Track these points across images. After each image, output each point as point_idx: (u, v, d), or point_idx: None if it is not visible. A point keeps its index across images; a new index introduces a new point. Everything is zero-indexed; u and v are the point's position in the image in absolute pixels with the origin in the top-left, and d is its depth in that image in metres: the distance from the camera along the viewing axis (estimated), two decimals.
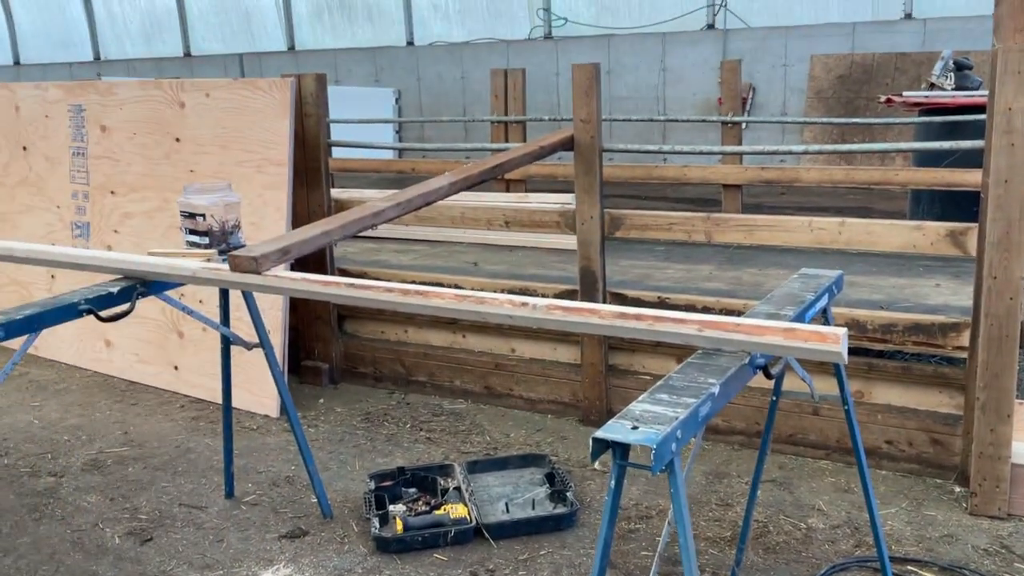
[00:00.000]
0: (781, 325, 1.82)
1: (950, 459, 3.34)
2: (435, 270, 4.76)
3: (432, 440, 3.93)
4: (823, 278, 2.40)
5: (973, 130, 4.86)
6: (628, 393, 3.92)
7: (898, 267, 4.61)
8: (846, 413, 2.45)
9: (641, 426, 1.56)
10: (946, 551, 2.92)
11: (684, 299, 3.80)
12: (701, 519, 3.18)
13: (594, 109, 3.69)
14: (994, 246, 2.98)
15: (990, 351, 3.02)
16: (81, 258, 2.75)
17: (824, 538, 3.03)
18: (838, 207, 8.84)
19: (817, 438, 3.57)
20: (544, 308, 2.04)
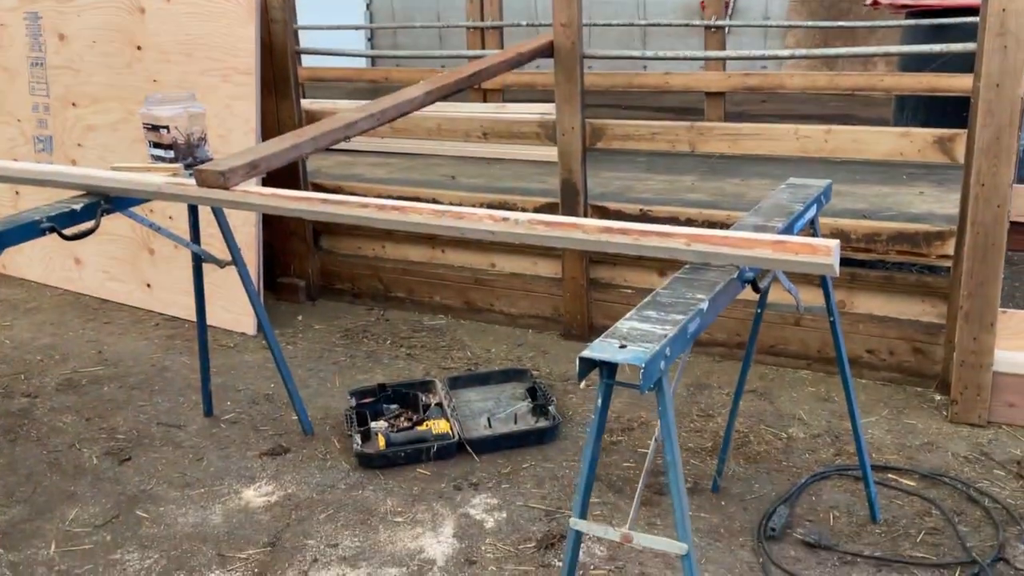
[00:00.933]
0: (770, 238, 1.76)
1: (931, 368, 3.34)
2: (412, 184, 4.65)
3: (412, 356, 3.89)
4: (811, 188, 2.34)
5: (961, 33, 4.75)
6: (610, 307, 3.89)
7: (882, 175, 4.54)
8: (831, 324, 2.43)
9: (629, 344, 1.51)
10: (926, 459, 2.94)
11: (666, 211, 3.74)
12: (683, 430, 3.18)
13: (575, 13, 3.54)
14: (983, 152, 2.92)
15: (975, 259, 2.99)
16: (42, 173, 2.63)
17: (804, 447, 3.05)
18: (820, 115, 8.72)
19: (798, 348, 3.56)
20: (526, 223, 1.97)
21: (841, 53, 3.25)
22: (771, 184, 4.58)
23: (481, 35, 5.86)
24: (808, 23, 5.57)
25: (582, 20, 3.61)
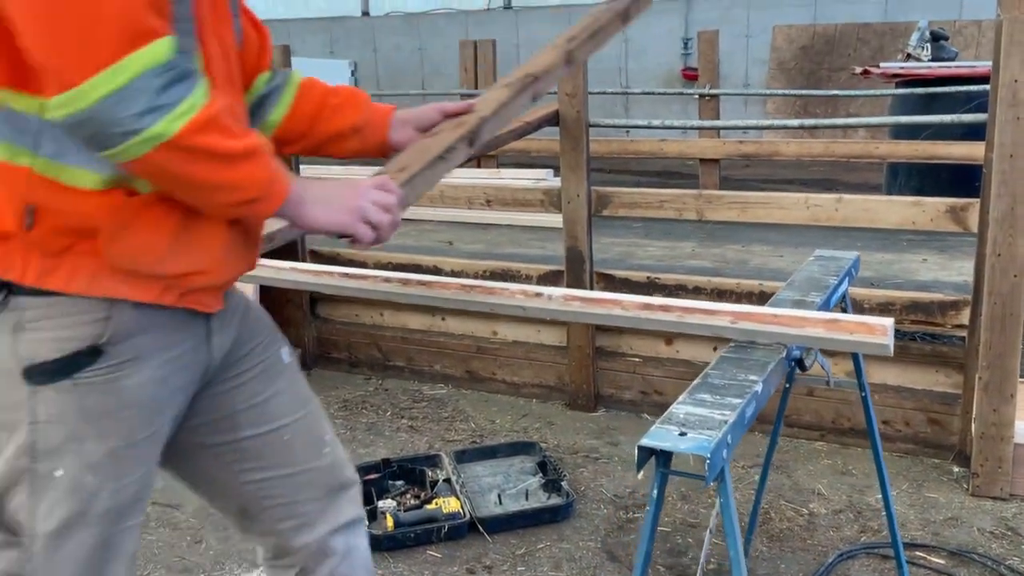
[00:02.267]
0: (823, 316, 1.70)
1: (948, 439, 3.29)
2: (409, 250, 4.60)
3: (415, 428, 3.79)
4: (841, 260, 2.30)
5: (952, 102, 4.83)
6: (616, 376, 3.82)
7: (882, 242, 4.56)
8: (863, 399, 2.37)
9: (689, 432, 1.43)
10: (952, 534, 2.87)
11: (673, 279, 3.70)
12: (700, 506, 3.09)
13: (580, 82, 3.54)
14: (998, 223, 2.91)
15: (993, 330, 2.96)
16: None
17: (828, 524, 2.96)
18: (803, 180, 8.84)
19: (812, 419, 3.50)
20: (561, 299, 1.91)
21: (850, 123, 3.26)
22: (772, 251, 4.59)
23: None
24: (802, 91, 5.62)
25: (587, 89, 3.61)
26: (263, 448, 1.58)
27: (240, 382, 1.55)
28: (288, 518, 1.63)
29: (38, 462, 1.32)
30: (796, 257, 4.35)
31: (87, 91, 1.15)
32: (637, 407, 3.81)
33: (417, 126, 1.73)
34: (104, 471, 1.35)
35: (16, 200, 1.26)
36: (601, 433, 3.67)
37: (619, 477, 3.31)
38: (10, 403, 1.32)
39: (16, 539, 1.35)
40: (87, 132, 1.18)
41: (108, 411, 1.33)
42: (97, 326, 1.30)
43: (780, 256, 4.31)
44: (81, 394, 1.31)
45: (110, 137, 1.17)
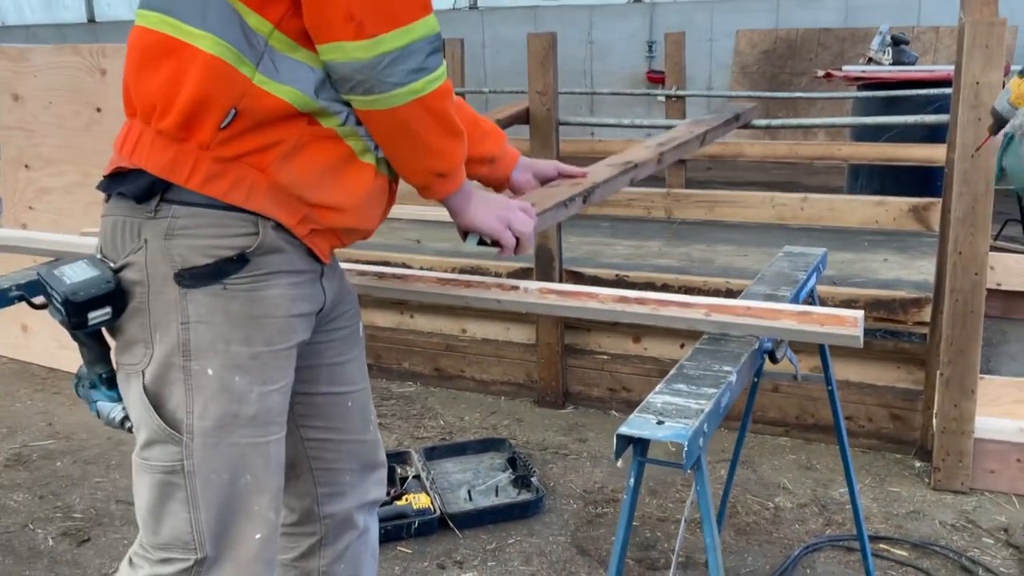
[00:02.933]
0: (795, 308, 1.73)
1: (910, 434, 3.35)
2: (378, 248, 4.57)
3: (383, 426, 3.77)
4: (809, 256, 2.34)
5: (912, 105, 4.92)
6: (585, 373, 3.84)
7: (843, 242, 4.61)
8: (830, 393, 2.41)
9: (667, 420, 1.45)
10: (914, 527, 2.92)
11: (642, 276, 3.73)
12: (668, 500, 3.12)
13: (550, 80, 3.56)
14: (960, 221, 2.97)
15: (955, 326, 3.02)
16: (10, 239, 2.50)
17: (793, 517, 3.01)
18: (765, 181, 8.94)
19: (776, 415, 3.55)
20: (536, 292, 1.91)
21: (817, 124, 3.31)
22: (736, 250, 4.63)
23: None
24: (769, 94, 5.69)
25: (557, 87, 3.63)
26: (331, 408, 1.71)
27: (331, 339, 1.68)
28: (327, 483, 1.74)
29: (191, 360, 1.42)
30: (760, 256, 4.40)
31: (381, 43, 1.34)
32: (605, 404, 3.84)
33: (536, 174, 2.01)
34: (251, 373, 1.45)
35: (226, 101, 1.35)
36: (570, 430, 3.69)
37: (588, 473, 3.33)
38: (163, 304, 1.41)
39: (177, 434, 1.43)
40: (363, 76, 1.35)
41: (252, 316, 1.43)
42: (246, 239, 1.40)
43: (744, 255, 4.36)
44: (228, 298, 1.41)
45: (381, 84, 1.36)
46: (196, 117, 1.36)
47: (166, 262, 1.40)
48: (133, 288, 1.43)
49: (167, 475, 1.45)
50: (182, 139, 1.37)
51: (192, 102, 1.35)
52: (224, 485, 1.46)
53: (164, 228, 1.40)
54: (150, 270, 1.41)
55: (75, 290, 1.40)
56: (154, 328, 1.43)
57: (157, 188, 1.39)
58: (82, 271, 1.43)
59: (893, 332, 3.36)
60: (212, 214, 1.39)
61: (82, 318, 1.42)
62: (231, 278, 1.41)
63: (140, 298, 1.42)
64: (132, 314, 1.44)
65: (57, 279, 1.42)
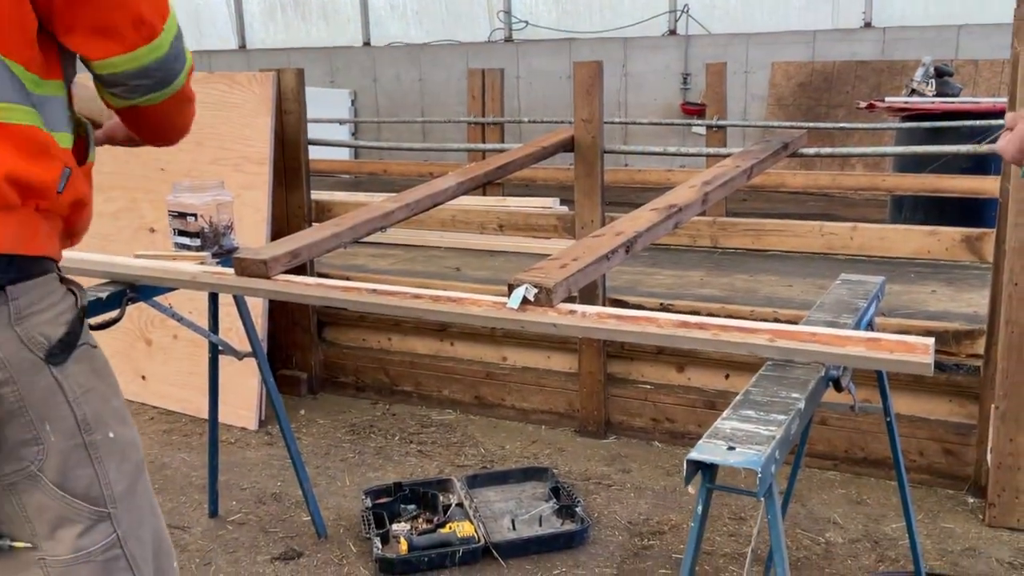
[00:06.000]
0: (863, 335, 1.70)
1: (963, 469, 3.28)
2: (418, 275, 4.59)
3: (424, 453, 3.75)
4: (868, 284, 2.30)
5: (956, 135, 4.88)
6: (627, 403, 3.80)
7: (889, 273, 4.52)
8: (888, 425, 2.36)
9: (737, 446, 1.42)
10: (970, 565, 2.85)
11: (686, 305, 3.69)
12: (716, 535, 3.06)
13: (596, 108, 3.56)
14: (1016, 252, 2.92)
15: (1010, 359, 2.96)
16: (67, 261, 2.52)
17: (845, 553, 2.94)
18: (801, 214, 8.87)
19: (825, 448, 3.48)
20: (595, 316, 1.90)
21: (869, 152, 3.28)
22: (780, 280, 4.59)
23: (482, 130, 5.90)
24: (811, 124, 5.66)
25: (603, 115, 3.63)
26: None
27: None
28: None
29: (92, 433, 1.38)
30: (805, 287, 4.36)
31: (167, 34, 1.39)
32: (648, 434, 3.79)
33: None
34: (127, 417, 1.47)
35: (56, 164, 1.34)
36: (612, 460, 3.65)
37: (632, 504, 3.28)
38: (41, 393, 1.33)
39: (101, 511, 1.39)
40: (164, 69, 1.40)
41: (104, 364, 1.45)
42: (71, 296, 1.39)
43: (789, 286, 4.32)
44: (90, 356, 1.41)
45: (174, 72, 1.43)
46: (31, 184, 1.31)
47: (28, 348, 1.30)
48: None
49: (106, 553, 1.40)
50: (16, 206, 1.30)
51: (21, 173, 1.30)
52: (150, 534, 1.48)
53: (7, 315, 1.28)
54: (12, 364, 1.29)
55: None
56: (40, 421, 1.32)
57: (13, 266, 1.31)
58: None
59: (945, 365, 3.30)
60: (41, 283, 1.33)
61: None
62: (82, 337, 1.39)
63: (12, 397, 1.30)
64: (8, 418, 1.31)
65: None
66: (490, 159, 3.34)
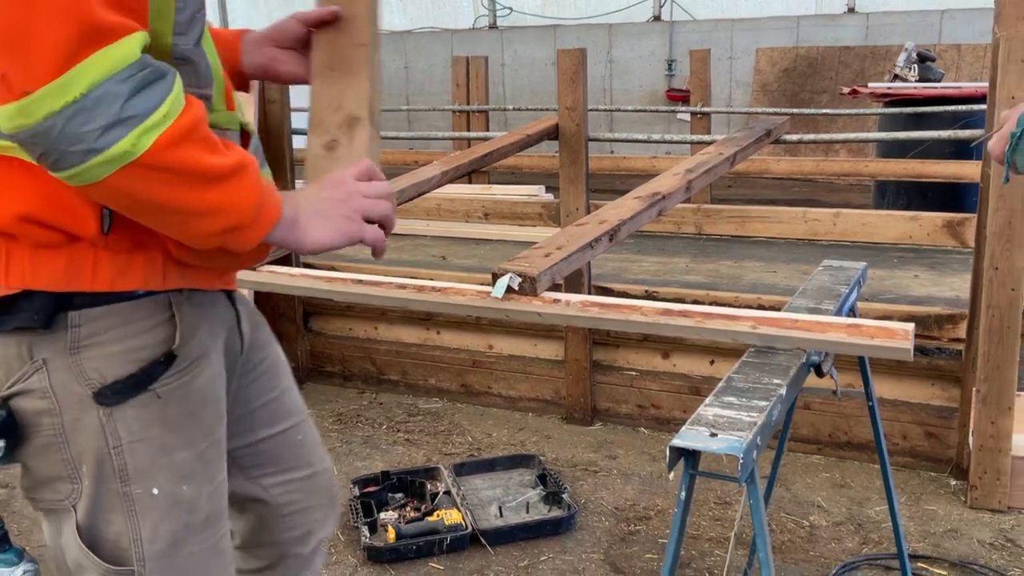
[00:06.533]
0: (844, 321, 1.72)
1: (945, 452, 3.31)
2: (403, 264, 4.58)
3: (411, 442, 3.76)
4: (850, 270, 2.32)
5: (939, 121, 4.91)
6: (613, 390, 3.82)
7: (872, 258, 4.57)
8: (871, 409, 2.38)
9: (720, 433, 1.44)
10: (952, 546, 2.88)
11: (671, 292, 3.71)
12: (702, 519, 3.09)
13: (580, 96, 3.56)
14: (996, 236, 2.94)
15: (991, 343, 2.99)
16: None
17: (829, 536, 2.97)
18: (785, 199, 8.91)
19: (808, 432, 3.51)
20: (579, 305, 1.91)
21: (851, 139, 3.29)
22: (765, 267, 4.61)
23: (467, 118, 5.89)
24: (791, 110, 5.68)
25: (587, 103, 3.63)
26: (280, 450, 1.53)
27: (253, 377, 1.48)
28: (299, 526, 1.57)
29: (131, 485, 1.21)
30: (789, 273, 4.38)
31: (37, 102, 0.97)
32: (634, 421, 3.81)
33: (277, 42, 1.51)
34: (198, 477, 1.27)
35: (90, 201, 1.13)
36: (599, 447, 3.67)
37: (619, 490, 3.30)
38: (84, 433, 1.19)
39: (125, 569, 1.24)
40: (39, 149, 1.01)
41: (189, 415, 1.24)
42: (166, 328, 1.21)
43: (774, 272, 4.33)
44: (162, 405, 1.21)
45: (65, 156, 1.00)
46: (67, 223, 1.14)
47: (79, 382, 1.17)
48: (38, 419, 1.19)
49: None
50: (67, 243, 1.14)
51: (46, 212, 1.13)
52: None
53: (65, 342, 1.16)
54: (58, 395, 1.17)
55: None
56: (78, 461, 1.20)
57: (62, 303, 1.15)
58: None
59: (927, 349, 3.33)
60: (120, 310, 1.17)
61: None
62: (160, 381, 1.20)
63: (51, 430, 1.19)
64: (44, 450, 1.21)
65: None
66: (475, 147, 3.34)
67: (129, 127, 1.00)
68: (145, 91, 1.01)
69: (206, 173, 1.07)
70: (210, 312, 1.31)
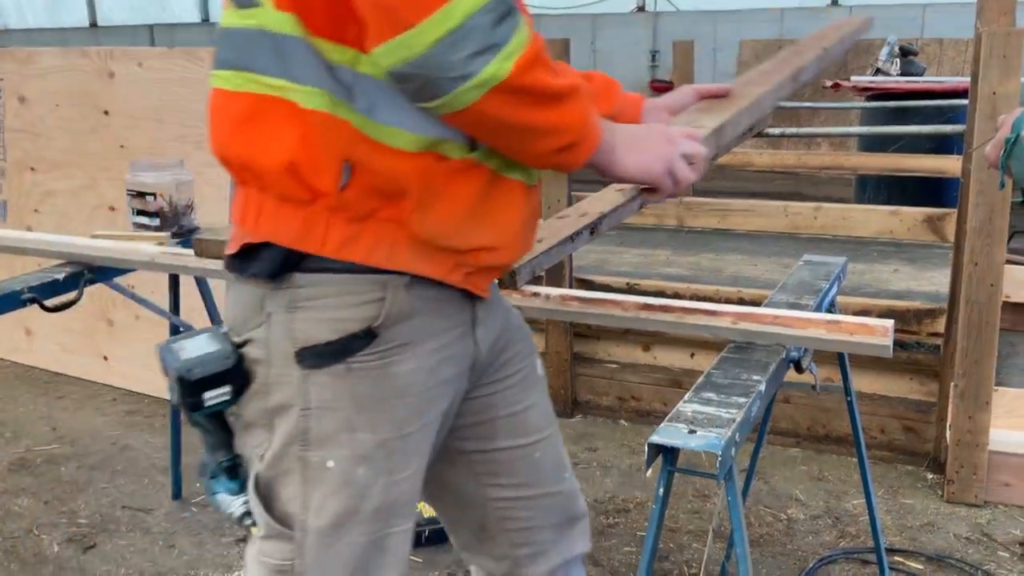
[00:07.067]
0: (824, 317, 1.72)
1: (922, 446, 3.33)
2: None
3: None
4: (830, 265, 2.32)
5: (920, 116, 4.92)
6: (594, 382, 3.81)
7: (852, 252, 4.57)
8: (849, 404, 2.39)
9: (699, 430, 1.43)
10: (929, 540, 2.90)
11: (652, 285, 3.71)
12: (680, 512, 3.09)
13: None
14: (976, 232, 2.95)
15: (970, 338, 3.00)
16: (23, 241, 2.48)
17: (806, 529, 2.98)
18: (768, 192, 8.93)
19: (787, 426, 3.52)
20: (558, 299, 1.90)
21: (832, 132, 3.30)
22: (746, 259, 4.61)
23: None
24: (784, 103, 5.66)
25: None
26: (515, 462, 1.52)
27: (502, 387, 1.48)
28: (526, 543, 1.56)
29: (310, 450, 1.26)
30: (769, 266, 4.38)
31: (420, 33, 1.07)
32: (615, 413, 3.81)
33: (671, 110, 1.69)
34: (376, 464, 1.27)
35: (335, 155, 1.17)
36: (579, 439, 3.66)
37: (598, 483, 3.30)
38: (284, 386, 1.25)
39: (288, 531, 1.28)
40: (417, 80, 1.11)
41: (380, 399, 1.26)
42: (373, 307, 1.22)
43: (754, 265, 4.34)
44: (354, 380, 1.24)
45: (441, 83, 1.10)
46: (311, 180, 1.18)
47: (288, 339, 1.23)
48: (254, 367, 1.27)
49: (278, 574, 1.30)
50: (308, 201, 1.19)
51: (302, 165, 1.18)
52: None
53: (287, 299, 1.22)
54: (272, 347, 1.25)
55: (189, 367, 1.26)
56: (273, 412, 1.27)
57: (292, 261, 1.21)
58: (201, 346, 1.28)
59: (906, 343, 3.34)
60: (338, 280, 1.22)
61: (197, 398, 1.27)
62: (357, 356, 1.23)
63: (261, 378, 1.27)
64: (253, 395, 1.28)
65: (173, 354, 1.28)
66: None
67: (494, 53, 1.10)
68: (504, 21, 1.11)
69: (553, 93, 1.18)
70: (433, 306, 1.28)
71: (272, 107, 1.19)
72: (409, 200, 1.20)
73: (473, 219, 1.24)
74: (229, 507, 1.37)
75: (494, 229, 1.27)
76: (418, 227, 1.21)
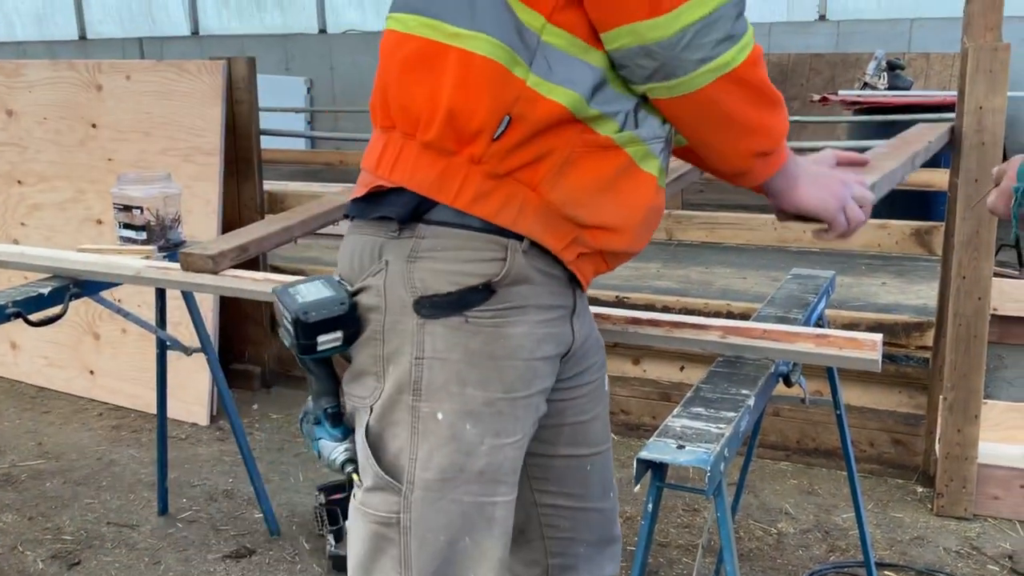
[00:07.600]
0: (812, 331, 1.71)
1: (912, 460, 3.33)
2: None
3: None
4: (818, 279, 2.32)
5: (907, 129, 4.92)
6: None
7: (840, 265, 4.60)
8: (838, 418, 2.38)
9: (687, 445, 1.42)
10: (918, 554, 2.89)
11: (642, 298, 3.70)
12: (670, 526, 3.08)
13: None
14: (964, 245, 2.96)
15: (958, 351, 3.00)
16: (8, 254, 2.46)
17: (796, 543, 2.97)
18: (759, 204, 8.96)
19: (777, 439, 3.51)
20: None
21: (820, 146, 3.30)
22: (735, 272, 4.63)
23: None
24: None
25: None
26: (569, 472, 1.54)
27: (574, 395, 1.50)
28: (560, 554, 1.57)
29: (420, 400, 1.28)
30: (758, 279, 4.40)
31: (680, 16, 1.16)
32: None
33: None
34: (483, 423, 1.29)
35: (499, 107, 1.21)
36: None
37: None
38: (398, 334, 1.28)
39: (396, 483, 1.30)
40: (659, 59, 1.19)
41: (491, 356, 1.27)
42: (494, 265, 1.25)
43: (743, 278, 4.35)
44: (469, 334, 1.26)
45: (683, 64, 1.19)
46: (467, 127, 1.21)
47: (405, 287, 1.26)
48: (368, 314, 1.30)
49: (382, 527, 1.31)
50: (452, 152, 1.23)
51: (463, 111, 1.21)
52: (441, 548, 1.31)
53: (408, 249, 1.26)
54: (388, 295, 1.28)
55: (306, 309, 1.29)
56: (387, 360, 1.29)
57: (423, 208, 1.25)
58: (316, 291, 1.33)
59: (895, 356, 3.35)
60: (460, 235, 1.24)
61: (311, 341, 1.30)
62: (474, 310, 1.25)
63: (375, 325, 1.29)
64: (365, 343, 1.31)
65: (290, 297, 1.33)
66: None
67: (733, 42, 1.20)
68: (742, 16, 1.22)
69: (771, 95, 1.28)
70: (545, 279, 1.30)
71: (442, 54, 1.23)
72: (549, 163, 1.23)
73: (602, 195, 1.27)
74: (331, 453, 1.40)
75: (619, 210, 1.29)
76: (549, 189, 1.24)
